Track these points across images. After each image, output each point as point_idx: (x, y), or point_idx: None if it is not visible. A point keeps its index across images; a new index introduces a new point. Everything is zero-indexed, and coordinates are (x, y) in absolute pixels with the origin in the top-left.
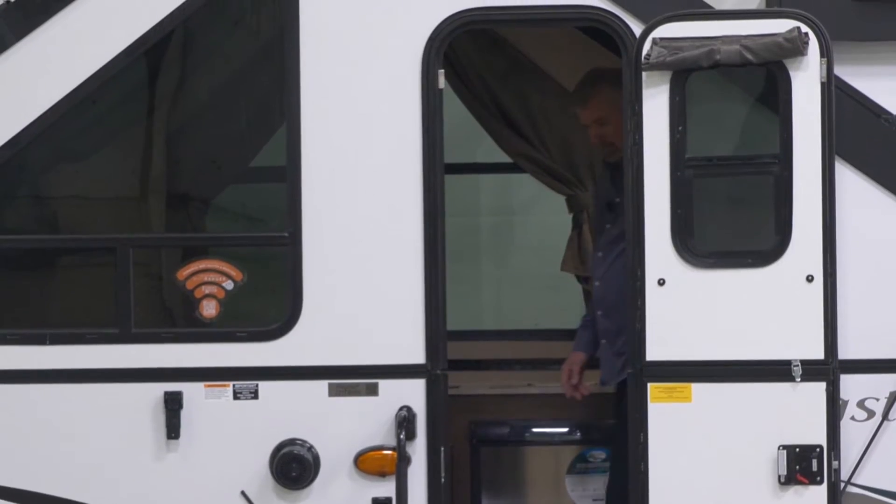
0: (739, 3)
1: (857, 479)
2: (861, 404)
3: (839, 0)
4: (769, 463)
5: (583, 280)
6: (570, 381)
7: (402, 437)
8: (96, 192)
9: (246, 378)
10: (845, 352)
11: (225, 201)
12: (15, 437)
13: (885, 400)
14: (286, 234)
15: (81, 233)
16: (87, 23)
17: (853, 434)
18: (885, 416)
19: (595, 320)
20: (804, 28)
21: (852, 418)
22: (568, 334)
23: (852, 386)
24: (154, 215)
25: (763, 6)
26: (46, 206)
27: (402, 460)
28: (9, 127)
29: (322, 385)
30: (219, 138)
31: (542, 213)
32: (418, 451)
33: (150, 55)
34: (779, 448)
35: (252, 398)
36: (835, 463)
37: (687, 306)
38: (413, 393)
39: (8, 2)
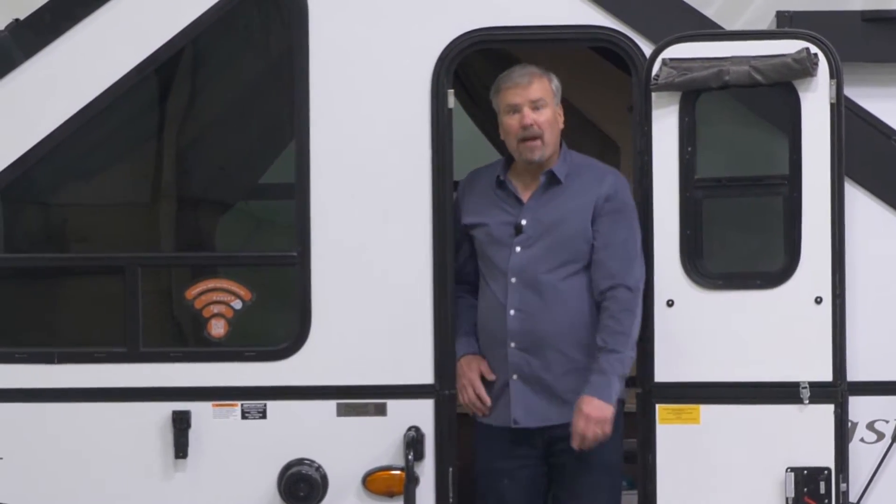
0: (749, 23)
1: (866, 502)
2: (871, 426)
3: (849, 21)
4: (777, 485)
5: None
6: (480, 398)
7: (410, 457)
8: (105, 207)
9: (254, 397)
10: (855, 374)
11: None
12: (23, 455)
13: (895, 422)
14: (295, 254)
15: (90, 251)
16: (98, 41)
17: (862, 456)
18: (894, 439)
19: (504, 353)
20: (813, 49)
21: (862, 440)
22: None
23: (862, 408)
24: (164, 232)
25: (773, 27)
26: (56, 224)
27: (411, 481)
28: (18, 145)
29: (330, 405)
30: (229, 154)
31: None
32: (426, 471)
33: (160, 73)
34: (787, 470)
35: (260, 417)
36: (843, 485)
37: (696, 327)
38: (422, 413)
39: (17, 20)
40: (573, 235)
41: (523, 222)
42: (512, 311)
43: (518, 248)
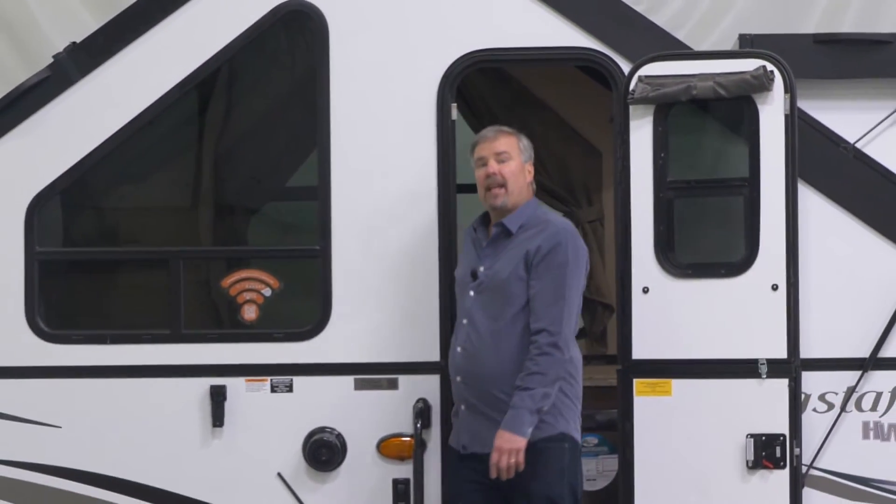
0: (715, 44)
1: (818, 464)
2: (822, 398)
3: (802, 42)
4: (738, 449)
5: None
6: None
7: (419, 425)
8: (153, 206)
9: (282, 374)
10: (808, 352)
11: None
12: (79, 425)
13: (843, 394)
14: (318, 248)
15: (139, 245)
16: (144, 61)
17: (815, 424)
18: (842, 408)
19: (455, 386)
20: (770, 67)
21: (814, 410)
22: None
23: (814, 382)
24: (203, 227)
25: (736, 47)
26: (108, 221)
27: (419, 446)
28: (75, 152)
29: (349, 380)
30: (259, 160)
31: None
32: (433, 438)
33: (199, 89)
34: (747, 436)
35: (287, 391)
36: (797, 450)
37: (668, 311)
38: (429, 387)
39: (74, 43)
40: (507, 281)
41: (480, 269)
42: (458, 349)
43: (471, 293)
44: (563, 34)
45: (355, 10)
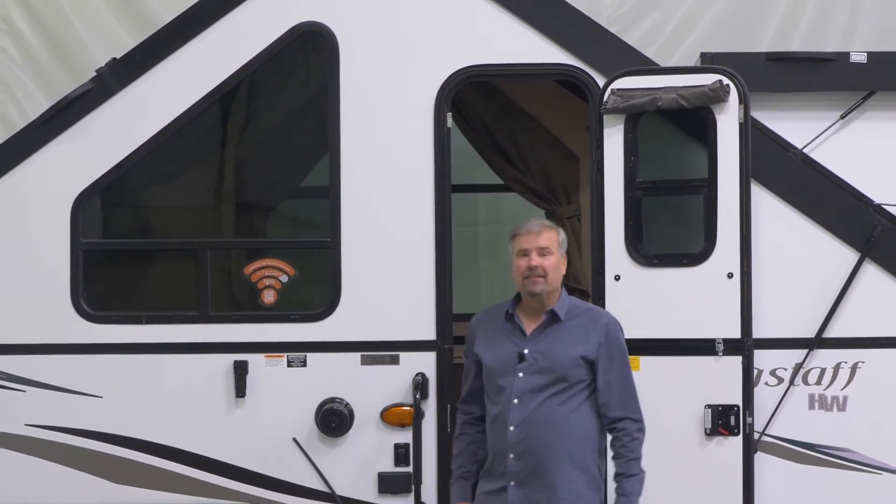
0: (680, 61)
1: (769, 431)
2: (772, 373)
3: (756, 60)
4: (697, 418)
5: None
6: None
7: (417, 396)
8: (183, 203)
9: (297, 351)
10: (760, 332)
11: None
12: (118, 396)
13: (791, 370)
14: (328, 240)
15: (171, 237)
16: (176, 75)
17: (766, 396)
18: (791, 382)
19: (504, 464)
20: (726, 81)
21: (766, 384)
22: None
23: (766, 358)
24: (226, 222)
25: (698, 63)
26: (144, 216)
27: (418, 415)
28: (115, 155)
29: (356, 356)
30: (277, 163)
31: None
32: (430, 407)
33: (224, 100)
34: (705, 407)
35: (301, 366)
36: (749, 419)
37: (637, 296)
38: (426, 362)
39: (114, 59)
40: (569, 366)
41: (525, 351)
42: (512, 427)
43: (521, 374)
44: (545, 52)
45: (363, 29)
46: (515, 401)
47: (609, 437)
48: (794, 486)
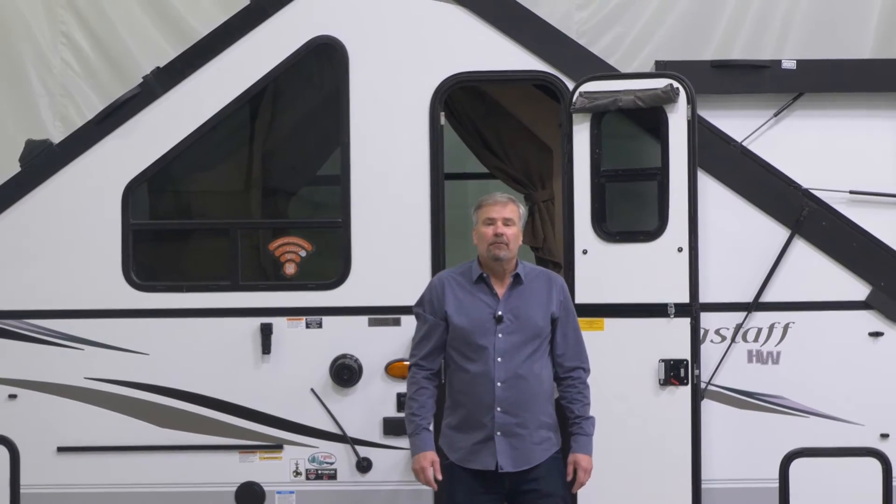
0: (638, 68)
1: (714, 381)
2: (717, 332)
3: (701, 66)
4: (653, 371)
5: (533, 249)
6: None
7: None
8: (216, 189)
9: (314, 314)
10: (706, 297)
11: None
12: (162, 352)
13: (733, 329)
14: (340, 220)
15: (206, 218)
16: (210, 81)
17: (712, 352)
18: (732, 340)
19: (491, 416)
20: (676, 84)
21: (711, 341)
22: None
23: (711, 320)
24: (254, 205)
25: (653, 70)
26: (183, 200)
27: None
28: (159, 148)
29: (364, 319)
30: (296, 154)
31: None
32: None
33: (251, 101)
34: (659, 361)
35: (318, 327)
36: (696, 371)
37: (601, 267)
38: None
39: (158, 67)
40: (541, 323)
41: (500, 313)
42: (499, 383)
43: (500, 335)
44: (523, 61)
45: (369, 42)
46: (499, 359)
47: (561, 385)
48: (734, 428)
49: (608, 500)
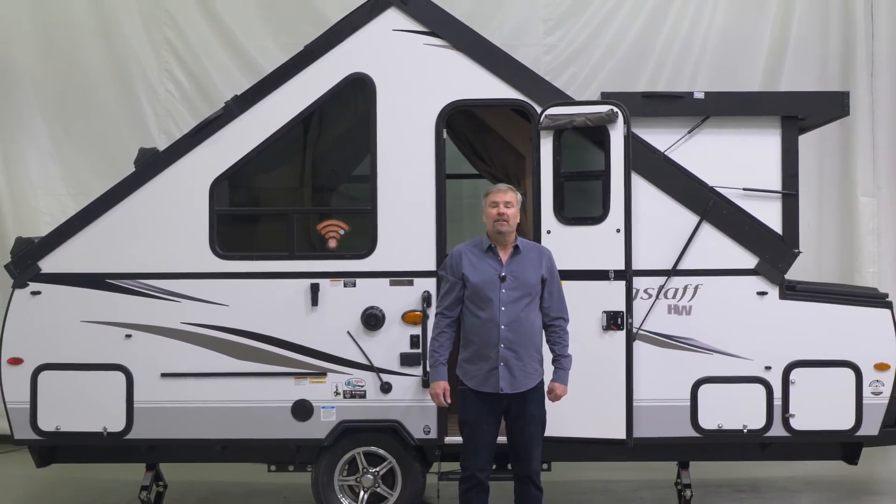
0: (590, 96)
1: (644, 327)
2: (645, 291)
3: (634, 96)
4: (597, 320)
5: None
6: (446, 401)
7: (424, 305)
8: (278, 185)
9: (350, 277)
10: (637, 265)
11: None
12: (238, 306)
13: (657, 289)
14: (369, 209)
15: (271, 206)
16: (274, 105)
17: (642, 306)
18: (656, 297)
19: (496, 350)
20: (616, 109)
21: (641, 297)
22: None
23: (642, 282)
24: (305, 196)
25: (599, 98)
26: (254, 193)
27: (425, 317)
28: (236, 154)
29: (386, 280)
30: (336, 160)
31: None
32: (431, 312)
33: (304, 121)
34: (602, 312)
35: (353, 287)
36: (630, 320)
37: (561, 244)
38: (430, 284)
39: (236, 95)
40: (535, 282)
41: (503, 274)
42: (503, 326)
43: (503, 290)
44: (504, 91)
45: (390, 77)
46: (503, 308)
47: (547, 331)
48: (657, 361)
49: (566, 416)
